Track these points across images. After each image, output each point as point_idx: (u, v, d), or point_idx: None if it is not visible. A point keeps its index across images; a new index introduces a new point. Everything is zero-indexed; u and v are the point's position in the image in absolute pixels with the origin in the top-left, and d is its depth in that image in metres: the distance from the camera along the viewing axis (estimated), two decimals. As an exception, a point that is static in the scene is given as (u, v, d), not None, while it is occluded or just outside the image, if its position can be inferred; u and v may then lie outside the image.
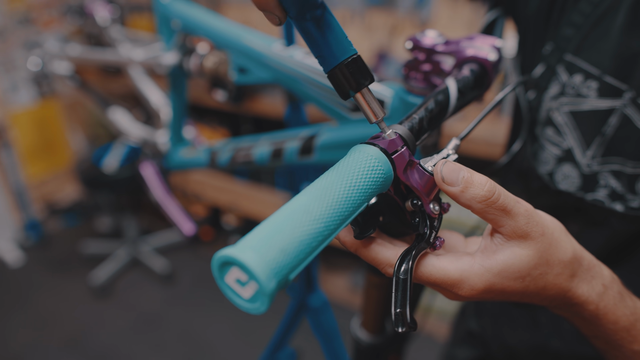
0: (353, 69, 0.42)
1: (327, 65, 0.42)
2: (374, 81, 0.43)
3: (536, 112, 0.69)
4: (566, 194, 0.65)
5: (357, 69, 0.42)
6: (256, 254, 0.30)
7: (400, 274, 0.40)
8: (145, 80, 1.32)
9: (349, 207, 0.36)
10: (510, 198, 0.41)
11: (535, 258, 0.42)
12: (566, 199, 0.65)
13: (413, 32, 2.39)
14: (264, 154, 0.88)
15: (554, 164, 0.67)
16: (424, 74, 0.63)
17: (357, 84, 0.42)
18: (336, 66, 0.42)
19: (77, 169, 2.77)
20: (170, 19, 1.01)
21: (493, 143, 1.81)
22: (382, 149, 0.40)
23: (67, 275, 2.84)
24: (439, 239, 0.44)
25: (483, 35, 0.62)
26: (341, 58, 0.41)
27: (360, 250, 0.44)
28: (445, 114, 0.50)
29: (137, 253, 2.87)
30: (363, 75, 0.42)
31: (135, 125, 1.26)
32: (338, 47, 0.41)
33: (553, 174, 0.67)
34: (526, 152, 0.71)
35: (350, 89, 0.42)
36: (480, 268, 0.42)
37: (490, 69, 0.59)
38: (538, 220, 0.42)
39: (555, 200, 0.66)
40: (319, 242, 0.34)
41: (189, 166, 1.13)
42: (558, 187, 0.66)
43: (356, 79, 0.42)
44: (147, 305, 2.62)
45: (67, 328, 2.47)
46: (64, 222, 3.27)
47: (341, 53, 0.41)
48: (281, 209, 0.35)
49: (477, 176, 0.41)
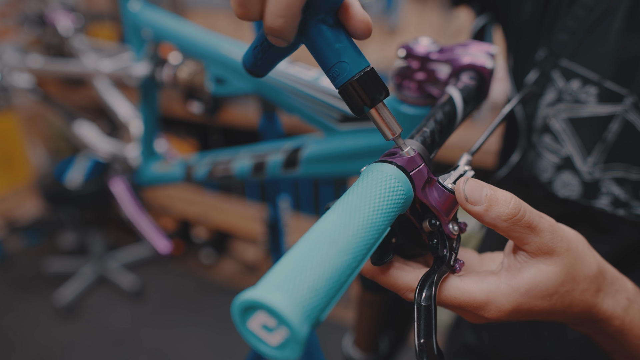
0: (367, 82, 0.39)
1: (340, 79, 0.39)
2: (388, 95, 0.40)
3: (532, 120, 0.67)
4: (571, 202, 0.64)
5: (372, 82, 0.39)
6: (285, 295, 0.27)
7: (422, 301, 0.37)
8: (113, 92, 1.26)
9: (375, 233, 0.33)
10: (535, 214, 0.39)
11: (562, 274, 0.40)
12: (571, 208, 0.64)
13: (382, 38, 2.39)
14: (245, 168, 0.84)
15: (552, 172, 0.65)
16: (417, 83, 0.60)
17: (372, 99, 0.39)
18: (348, 80, 0.38)
19: (38, 185, 2.65)
20: (140, 28, 0.96)
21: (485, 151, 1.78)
22: (401, 167, 0.37)
23: (30, 295, 2.71)
24: (459, 261, 0.41)
25: (477, 42, 0.59)
26: (354, 71, 0.38)
27: (378, 276, 0.41)
28: (453, 125, 0.48)
29: (103, 270, 2.77)
30: (378, 89, 0.39)
31: (103, 139, 1.20)
32: (351, 59, 0.38)
33: (552, 182, 0.65)
34: (526, 161, 0.69)
35: (365, 105, 0.39)
36: (507, 288, 0.39)
37: (488, 77, 0.57)
38: (562, 235, 0.40)
39: (560, 208, 0.65)
40: (348, 275, 0.31)
41: (163, 181, 1.08)
42: (558, 195, 0.65)
43: (370, 93, 0.39)
44: (117, 324, 2.52)
45: (32, 351, 2.36)
46: (25, 240, 3.14)
47: (354, 66, 0.38)
48: (304, 240, 0.31)
49: (500, 193, 0.39)
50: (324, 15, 0.37)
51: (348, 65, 0.38)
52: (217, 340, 2.38)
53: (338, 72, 0.38)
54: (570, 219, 0.63)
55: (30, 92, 1.28)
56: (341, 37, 0.38)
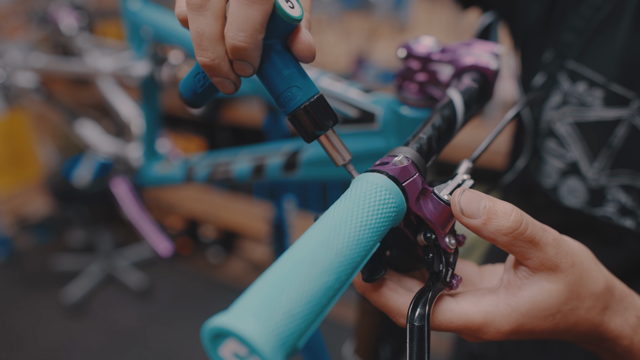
0: (316, 109, 0.38)
1: (289, 106, 0.38)
2: (337, 122, 0.39)
3: (537, 123, 0.65)
4: (575, 210, 0.61)
5: (321, 109, 0.38)
6: (257, 323, 0.25)
7: (415, 321, 0.35)
8: (116, 91, 1.25)
9: (362, 250, 0.31)
10: (538, 227, 0.36)
11: (566, 292, 0.37)
12: (575, 217, 0.61)
13: (391, 36, 2.36)
14: (244, 170, 0.82)
15: (557, 178, 0.62)
16: (419, 84, 0.58)
17: (322, 126, 0.39)
18: (298, 107, 0.38)
19: (47, 182, 2.66)
20: (140, 27, 0.95)
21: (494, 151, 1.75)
22: (392, 177, 0.35)
23: (39, 293, 2.72)
24: (456, 277, 0.38)
25: (481, 41, 0.57)
26: (304, 98, 0.38)
27: (369, 293, 0.38)
28: (453, 130, 0.45)
29: (111, 268, 2.77)
30: (327, 115, 0.39)
31: (105, 139, 1.19)
32: (300, 86, 0.38)
33: (557, 189, 0.63)
34: (529, 167, 0.66)
35: (316, 130, 0.39)
36: (507, 308, 0.37)
37: (492, 78, 0.54)
38: (567, 250, 0.37)
39: (564, 217, 0.62)
40: (330, 298, 0.28)
41: (164, 182, 1.06)
42: (563, 203, 0.62)
43: (320, 120, 0.38)
44: (124, 323, 2.52)
45: (40, 348, 2.37)
46: (35, 237, 3.15)
47: (304, 92, 0.38)
48: (282, 259, 0.29)
49: (500, 205, 0.36)
50: (274, 41, 0.36)
51: (298, 92, 0.38)
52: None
53: (288, 98, 0.38)
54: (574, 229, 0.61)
55: (33, 92, 1.28)
56: (290, 64, 0.37)
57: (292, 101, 0.38)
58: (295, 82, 0.37)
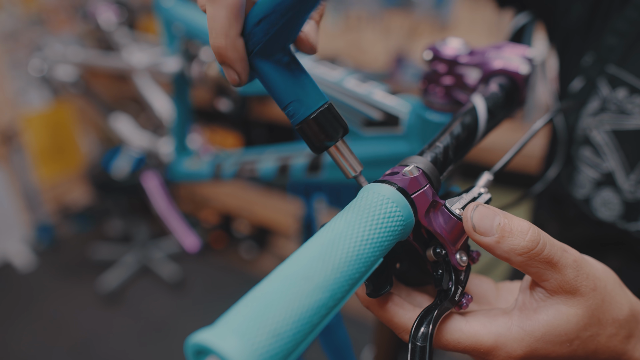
0: (325, 120, 0.36)
1: (298, 117, 0.36)
2: (347, 132, 0.38)
3: (572, 130, 0.61)
4: (608, 224, 0.57)
5: (331, 119, 0.37)
6: (240, 341, 0.23)
7: (417, 340, 0.33)
8: (150, 86, 1.26)
9: (361, 266, 0.29)
10: (557, 247, 0.34)
11: (586, 317, 0.34)
12: (607, 231, 0.57)
13: (432, 35, 2.31)
14: (270, 170, 0.82)
15: (591, 189, 0.59)
16: (445, 88, 0.55)
17: (331, 137, 0.37)
18: (306, 118, 0.36)
19: (88, 173, 2.73)
20: (172, 23, 0.95)
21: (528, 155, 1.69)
22: (400, 189, 0.33)
23: (77, 280, 2.80)
24: (466, 296, 0.36)
25: (512, 44, 0.54)
26: (312, 108, 0.36)
27: (374, 308, 0.37)
28: (474, 139, 0.43)
29: (146, 259, 2.82)
30: (336, 126, 0.37)
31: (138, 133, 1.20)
32: (309, 97, 0.36)
33: (590, 200, 0.59)
34: (561, 176, 0.63)
35: (325, 141, 0.37)
36: (520, 331, 0.34)
37: (522, 84, 0.51)
38: (589, 272, 0.35)
39: (595, 231, 0.59)
40: (322, 316, 0.27)
41: (192, 178, 1.07)
42: (596, 215, 0.59)
43: (329, 131, 0.37)
44: (156, 313, 2.57)
45: (75, 334, 2.43)
46: (75, 226, 3.24)
47: (312, 103, 0.36)
48: (273, 274, 0.28)
49: (516, 223, 0.33)
50: (281, 53, 0.35)
51: (306, 102, 0.36)
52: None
53: (296, 109, 0.36)
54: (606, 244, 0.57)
55: (72, 85, 1.30)
56: (298, 74, 0.36)
57: (300, 111, 0.36)
58: (303, 92, 0.36)
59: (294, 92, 0.36)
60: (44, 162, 3.09)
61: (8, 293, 2.72)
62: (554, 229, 0.67)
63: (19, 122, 2.90)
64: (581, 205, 0.60)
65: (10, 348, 2.35)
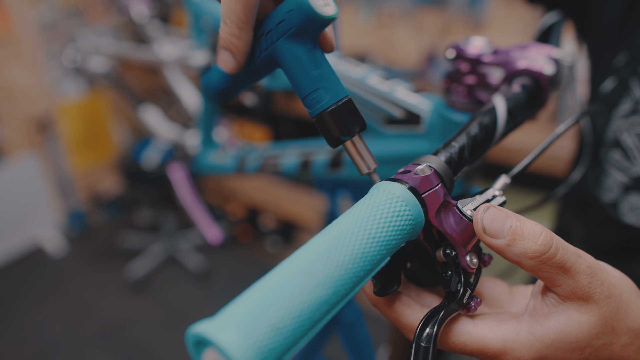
0: (345, 113, 0.36)
1: (316, 108, 0.36)
2: (365, 128, 0.38)
3: (602, 133, 0.60)
4: (634, 229, 0.56)
5: (349, 113, 0.37)
6: (238, 334, 0.24)
7: (421, 341, 0.32)
8: (180, 79, 1.28)
9: (366, 264, 0.29)
10: (571, 252, 0.33)
11: (598, 325, 0.33)
12: (633, 236, 0.56)
13: (465, 33, 2.28)
14: (292, 165, 0.82)
15: (619, 193, 0.57)
16: (467, 87, 0.55)
17: (348, 131, 0.37)
18: (325, 110, 0.36)
19: (119, 162, 2.78)
20: (200, 17, 0.96)
21: (556, 157, 1.66)
22: (411, 188, 0.33)
23: (105, 267, 2.86)
24: (475, 299, 0.35)
25: (538, 44, 0.53)
26: (332, 101, 0.36)
27: (382, 306, 0.37)
28: (491, 140, 0.42)
29: (173, 250, 2.87)
30: (354, 121, 0.37)
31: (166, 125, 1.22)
32: (330, 88, 0.36)
33: (618, 204, 0.58)
34: (588, 179, 0.61)
35: (341, 135, 0.37)
36: (529, 336, 0.34)
37: (546, 85, 0.50)
38: (603, 279, 0.34)
39: (620, 235, 0.57)
40: (324, 313, 0.27)
41: (217, 171, 1.08)
42: (623, 220, 0.57)
43: (347, 125, 0.37)
44: (181, 303, 2.61)
45: (101, 319, 2.49)
46: (106, 214, 3.31)
47: (333, 95, 0.36)
48: (277, 269, 0.28)
49: (528, 226, 0.33)
50: (307, 39, 0.35)
51: (326, 94, 0.36)
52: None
53: (315, 100, 0.36)
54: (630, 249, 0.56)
55: (103, 77, 1.33)
56: (320, 64, 0.36)
57: (320, 103, 0.36)
58: (324, 83, 0.36)
59: (315, 83, 0.36)
60: (78, 150, 3.16)
61: (39, 277, 2.80)
62: (579, 232, 0.66)
63: (55, 111, 2.97)
64: (608, 209, 0.59)
65: (40, 330, 2.43)
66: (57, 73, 2.94)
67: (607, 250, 0.61)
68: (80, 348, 2.33)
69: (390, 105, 0.63)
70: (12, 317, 2.51)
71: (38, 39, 2.82)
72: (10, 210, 2.86)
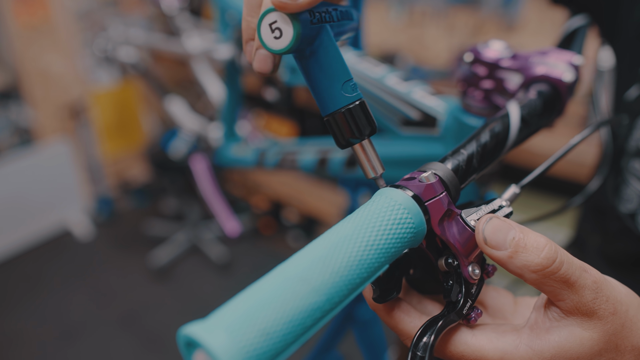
0: (357, 115, 0.36)
1: (328, 107, 0.36)
2: (375, 132, 0.37)
3: (625, 141, 0.58)
4: None
5: (361, 116, 0.36)
6: (228, 337, 0.24)
7: (418, 350, 0.32)
8: (206, 72, 1.29)
9: (363, 271, 0.29)
10: (576, 266, 0.32)
11: (601, 342, 0.33)
12: None
13: (497, 34, 2.25)
14: (309, 162, 0.82)
15: (638, 204, 0.56)
16: (484, 91, 0.54)
17: (359, 133, 0.36)
18: (338, 110, 0.36)
19: (148, 151, 2.83)
20: (226, 11, 0.97)
21: (582, 163, 1.63)
22: (415, 196, 0.33)
23: (130, 253, 2.92)
24: (476, 310, 0.35)
25: (559, 50, 0.52)
26: (346, 102, 0.36)
27: (381, 312, 0.36)
28: (502, 149, 0.41)
29: (197, 239, 2.91)
30: (366, 123, 0.37)
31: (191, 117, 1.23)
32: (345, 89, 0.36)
33: (636, 215, 0.56)
34: (607, 189, 0.60)
35: (351, 138, 0.36)
36: (528, 350, 0.33)
37: (564, 92, 0.49)
38: (609, 295, 0.33)
39: (636, 247, 0.56)
40: (317, 319, 0.27)
41: (238, 164, 1.09)
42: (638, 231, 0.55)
43: (358, 127, 0.36)
44: (201, 292, 2.64)
45: (123, 304, 2.54)
46: (134, 201, 3.38)
47: (347, 96, 0.36)
48: (272, 273, 0.28)
49: (532, 238, 0.32)
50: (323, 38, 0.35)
51: (339, 95, 0.36)
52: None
53: (328, 99, 0.36)
54: None
55: (132, 66, 1.35)
56: (336, 63, 0.36)
57: (332, 103, 0.36)
58: (339, 83, 0.36)
59: (330, 82, 0.36)
60: (108, 138, 3.23)
61: (66, 259, 2.88)
62: (595, 242, 0.64)
63: (88, 98, 3.04)
64: (626, 220, 0.57)
65: (64, 310, 2.49)
66: (91, 61, 3.00)
67: (621, 262, 0.60)
68: (102, 331, 2.38)
69: (407, 107, 0.63)
70: (39, 297, 2.58)
71: (74, 27, 2.89)
72: (41, 193, 2.94)
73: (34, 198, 2.91)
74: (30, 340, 2.33)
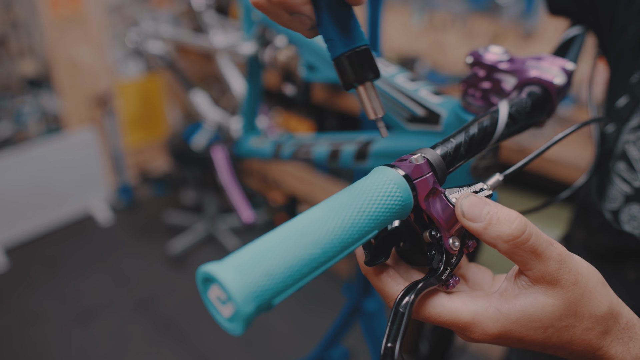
0: (361, 59, 0.41)
1: (335, 50, 0.41)
2: (379, 77, 0.42)
3: (613, 144, 0.63)
4: (629, 235, 0.59)
5: (365, 60, 0.41)
6: (238, 275, 0.29)
7: (400, 307, 0.37)
8: (230, 67, 1.35)
9: (354, 233, 0.34)
10: (543, 239, 0.37)
11: (562, 308, 0.37)
12: (628, 242, 0.59)
13: (515, 42, 2.28)
14: (322, 153, 0.88)
15: (621, 202, 0.60)
16: (482, 91, 0.59)
17: (362, 76, 0.41)
18: (344, 53, 0.41)
19: (169, 143, 2.91)
20: (251, 10, 1.03)
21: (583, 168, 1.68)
22: (406, 175, 0.38)
23: (148, 240, 3.00)
24: (454, 278, 0.40)
25: (553, 56, 0.57)
26: (351, 45, 0.41)
27: (371, 276, 0.42)
28: (488, 141, 0.46)
29: (213, 230, 2.98)
30: (370, 68, 0.42)
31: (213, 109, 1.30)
32: (351, 34, 0.41)
33: (618, 213, 0.61)
34: (591, 186, 0.64)
35: (355, 81, 0.42)
36: (496, 312, 0.38)
37: (555, 94, 0.54)
38: (572, 267, 0.37)
39: (616, 241, 0.60)
40: (313, 268, 0.32)
41: (256, 155, 1.15)
42: (622, 228, 0.60)
43: (362, 70, 0.41)
44: (216, 281, 2.71)
45: (139, 290, 2.62)
46: (153, 190, 3.46)
47: (352, 40, 0.41)
48: (278, 228, 0.33)
49: (504, 212, 0.37)
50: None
51: (346, 39, 0.40)
52: (301, 317, 2.47)
53: (336, 43, 0.41)
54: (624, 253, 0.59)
55: (159, 59, 1.42)
56: (344, 11, 0.40)
57: (339, 46, 0.41)
58: (346, 29, 0.40)
59: (338, 28, 0.40)
60: (132, 128, 3.32)
61: (87, 242, 2.98)
62: (581, 237, 0.69)
63: (115, 88, 3.13)
64: (607, 216, 0.62)
65: (83, 292, 2.58)
66: (119, 53, 3.09)
67: (604, 254, 0.64)
68: (118, 314, 2.46)
69: (414, 104, 0.68)
70: (60, 277, 2.68)
71: (105, 20, 2.98)
72: (67, 178, 3.05)
73: (59, 183, 3.02)
74: (48, 319, 2.42)
